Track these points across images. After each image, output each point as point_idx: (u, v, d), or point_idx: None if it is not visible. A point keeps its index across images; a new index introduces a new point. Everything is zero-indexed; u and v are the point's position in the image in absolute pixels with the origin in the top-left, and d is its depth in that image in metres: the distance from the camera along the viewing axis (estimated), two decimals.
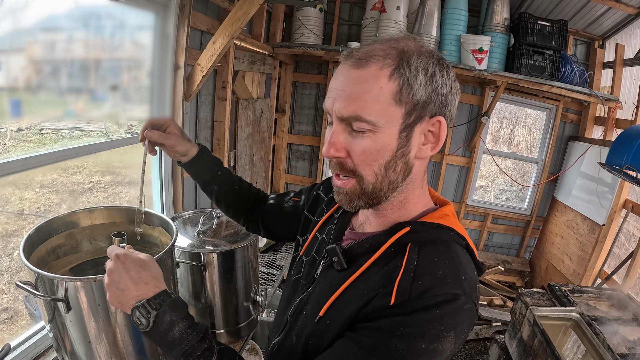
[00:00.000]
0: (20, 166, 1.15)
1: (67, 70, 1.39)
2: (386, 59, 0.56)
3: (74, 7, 1.34)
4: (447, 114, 0.60)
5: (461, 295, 0.55)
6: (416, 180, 0.64)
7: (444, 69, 0.58)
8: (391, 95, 0.56)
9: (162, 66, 1.87)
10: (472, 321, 0.58)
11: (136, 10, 1.69)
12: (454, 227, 0.63)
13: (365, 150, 0.58)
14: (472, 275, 0.59)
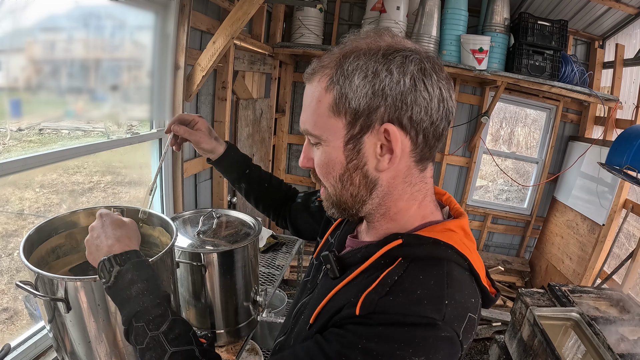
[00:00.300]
0: (20, 166, 1.15)
1: (67, 70, 1.39)
2: (326, 69, 0.53)
3: (74, 7, 1.34)
4: (411, 117, 0.51)
5: (437, 321, 0.48)
6: (395, 192, 0.57)
7: (398, 65, 0.50)
8: (328, 107, 0.53)
9: (162, 66, 1.87)
10: (453, 354, 0.49)
11: (136, 10, 1.69)
12: (455, 244, 0.54)
13: (320, 163, 0.58)
14: (462, 302, 0.51)
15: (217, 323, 1.33)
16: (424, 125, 0.52)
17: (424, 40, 3.16)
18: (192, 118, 0.93)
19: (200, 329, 1.31)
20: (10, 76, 1.19)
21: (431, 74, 0.51)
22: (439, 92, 0.52)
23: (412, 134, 0.52)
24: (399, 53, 0.51)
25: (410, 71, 0.50)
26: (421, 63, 0.51)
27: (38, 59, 1.27)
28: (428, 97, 0.51)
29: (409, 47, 0.52)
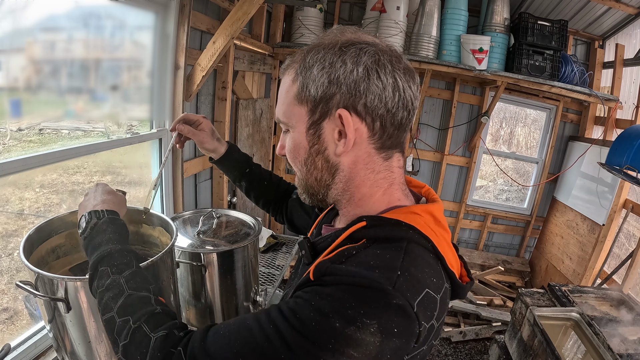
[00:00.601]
0: (20, 166, 1.15)
1: (67, 70, 1.39)
2: (294, 64, 0.59)
3: (74, 7, 1.34)
4: (365, 104, 0.54)
5: (387, 287, 0.48)
6: (357, 177, 0.60)
7: (352, 57, 0.54)
8: (294, 96, 0.58)
9: (162, 66, 1.87)
10: (408, 327, 0.48)
11: (136, 10, 1.69)
12: (418, 226, 0.55)
13: (289, 149, 0.63)
14: (417, 276, 0.51)
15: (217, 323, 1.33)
16: (380, 112, 0.55)
17: (424, 40, 3.16)
18: (197, 118, 0.97)
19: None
20: (10, 76, 1.19)
21: (386, 64, 0.54)
22: (393, 81, 0.55)
23: (368, 121, 0.56)
24: (354, 46, 0.55)
25: (363, 62, 0.54)
26: (376, 55, 0.54)
27: (38, 59, 1.27)
28: (381, 85, 0.54)
29: (367, 40, 0.56)
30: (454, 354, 2.94)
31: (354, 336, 0.46)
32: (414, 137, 3.81)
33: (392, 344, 0.48)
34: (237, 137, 2.77)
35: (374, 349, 0.47)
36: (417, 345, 0.52)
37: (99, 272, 0.65)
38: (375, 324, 0.47)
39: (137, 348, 0.56)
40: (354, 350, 0.46)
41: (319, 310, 0.48)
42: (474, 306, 3.32)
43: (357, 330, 0.46)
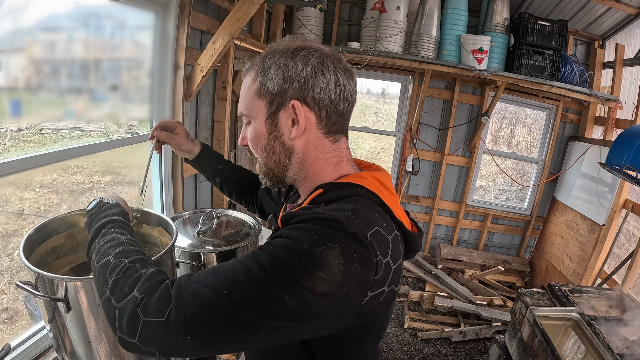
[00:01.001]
0: (20, 166, 1.15)
1: (67, 70, 1.39)
2: (254, 66, 0.70)
3: (74, 7, 1.34)
4: (313, 96, 0.66)
5: (342, 219, 0.57)
6: (309, 158, 0.71)
7: (302, 59, 0.66)
8: (255, 92, 0.69)
9: (162, 66, 1.87)
10: (368, 257, 0.57)
11: (136, 10, 1.69)
12: (365, 185, 0.66)
13: (250, 138, 0.73)
14: (368, 217, 0.60)
15: None
16: (325, 102, 0.67)
17: (424, 40, 3.17)
18: (172, 123, 1.05)
19: None
20: (10, 76, 1.19)
21: (329, 65, 0.66)
22: (335, 78, 0.67)
23: (316, 110, 0.67)
24: (304, 50, 0.67)
25: (311, 63, 0.66)
26: (321, 57, 0.66)
27: (38, 59, 1.27)
28: (325, 81, 0.66)
29: (313, 46, 0.68)
30: (454, 354, 2.94)
31: (321, 256, 0.53)
32: (414, 137, 3.81)
33: (355, 269, 0.55)
34: (237, 137, 2.77)
35: (339, 273, 0.54)
36: (377, 278, 0.58)
37: (102, 232, 0.73)
38: (337, 247, 0.54)
39: (126, 281, 0.61)
40: (321, 272, 0.53)
41: (288, 236, 0.57)
42: (474, 306, 3.32)
43: (323, 252, 0.54)
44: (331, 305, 0.55)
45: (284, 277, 0.53)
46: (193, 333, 0.54)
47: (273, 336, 0.55)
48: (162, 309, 0.55)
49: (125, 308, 0.57)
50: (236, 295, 0.54)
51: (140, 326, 0.55)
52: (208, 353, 0.58)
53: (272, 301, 0.53)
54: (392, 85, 11.00)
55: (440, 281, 3.68)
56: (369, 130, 4.51)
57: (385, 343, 3.00)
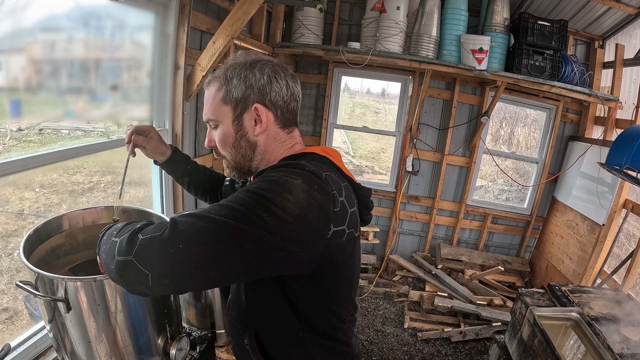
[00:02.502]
0: (20, 166, 1.15)
1: (67, 70, 1.39)
2: (217, 78, 0.82)
3: (74, 7, 1.34)
4: (270, 99, 0.80)
5: (300, 163, 0.74)
6: (269, 148, 0.84)
7: (258, 69, 0.80)
8: (221, 100, 0.81)
9: (162, 66, 1.87)
10: (325, 189, 0.70)
11: (136, 10, 1.69)
12: (315, 151, 0.83)
13: (219, 139, 0.84)
14: (321, 166, 0.76)
15: (217, 323, 1.33)
16: (280, 103, 0.82)
17: (424, 40, 3.16)
18: (147, 128, 1.10)
19: (200, 329, 1.31)
20: (10, 76, 1.19)
21: (280, 72, 0.82)
22: (285, 83, 0.82)
23: (273, 110, 0.82)
24: (259, 62, 0.81)
25: (267, 72, 0.80)
26: (274, 67, 0.81)
27: (38, 59, 1.27)
28: (279, 86, 0.81)
29: (265, 59, 0.83)
30: (454, 354, 2.94)
31: (287, 183, 0.67)
32: (414, 137, 3.81)
33: (316, 196, 0.68)
34: None
35: (304, 199, 0.66)
36: (336, 211, 0.71)
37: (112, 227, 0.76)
38: (300, 178, 0.69)
39: (132, 225, 0.68)
40: (289, 195, 0.65)
41: (261, 178, 0.71)
42: (474, 306, 3.32)
43: (289, 180, 0.68)
44: (301, 229, 0.66)
45: (260, 198, 0.64)
46: (184, 241, 0.60)
47: (255, 253, 0.63)
48: (158, 228, 0.63)
49: (124, 237, 0.64)
50: (224, 212, 0.63)
51: (138, 243, 0.62)
52: (197, 272, 0.61)
53: (253, 217, 0.62)
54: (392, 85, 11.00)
55: (440, 281, 3.68)
56: (369, 130, 4.51)
57: (385, 343, 3.00)
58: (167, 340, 1.00)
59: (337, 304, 0.82)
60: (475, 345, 3.05)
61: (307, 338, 0.80)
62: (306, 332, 0.80)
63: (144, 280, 0.61)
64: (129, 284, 0.63)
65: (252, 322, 0.85)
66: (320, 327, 0.81)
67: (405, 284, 3.84)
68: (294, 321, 0.79)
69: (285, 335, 0.81)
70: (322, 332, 0.81)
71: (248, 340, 0.84)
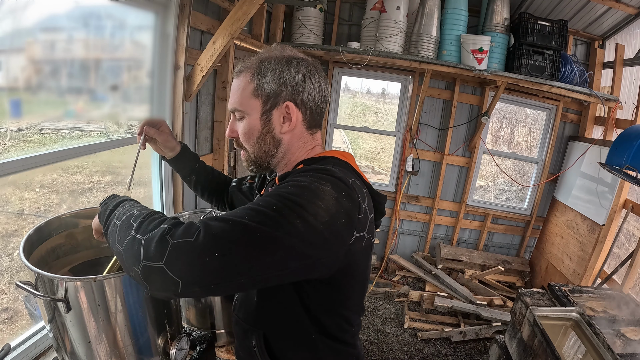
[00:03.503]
0: (20, 166, 1.15)
1: (67, 70, 1.39)
2: (249, 69, 0.80)
3: (74, 7, 1.34)
4: (302, 99, 0.79)
5: (330, 168, 0.72)
6: (292, 147, 0.84)
7: (295, 67, 0.78)
8: (251, 92, 0.79)
9: (162, 66, 1.87)
10: (352, 196, 0.70)
11: (136, 10, 1.69)
12: (336, 155, 0.82)
13: (243, 131, 0.82)
14: (346, 172, 0.76)
15: (217, 323, 1.33)
16: (310, 105, 0.81)
17: (424, 40, 3.16)
18: (159, 121, 1.08)
19: (200, 329, 1.31)
20: (10, 76, 1.19)
21: (314, 73, 0.81)
22: (319, 84, 0.81)
23: (303, 110, 0.81)
24: (295, 60, 0.80)
25: (302, 71, 0.79)
26: (309, 66, 0.80)
27: (38, 59, 1.27)
28: (312, 87, 0.80)
29: (301, 57, 0.81)
30: (454, 354, 2.94)
31: (318, 189, 0.66)
32: (414, 137, 3.81)
33: (344, 203, 0.68)
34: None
35: (333, 205, 0.66)
36: (360, 218, 0.71)
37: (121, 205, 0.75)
38: (329, 185, 0.68)
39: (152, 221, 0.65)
40: (320, 201, 0.65)
41: (290, 181, 0.70)
42: (474, 306, 3.32)
43: (320, 187, 0.67)
44: (328, 236, 0.65)
45: (293, 204, 0.63)
46: (219, 249, 0.58)
47: (286, 261, 0.62)
48: (190, 233, 0.59)
49: (152, 237, 0.60)
50: (257, 218, 0.61)
51: (168, 248, 0.58)
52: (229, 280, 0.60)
53: (285, 223, 0.61)
54: (392, 85, 11.00)
55: (440, 281, 3.68)
56: (369, 130, 4.50)
57: (385, 343, 3.00)
58: (167, 340, 1.00)
59: (349, 307, 0.82)
60: (475, 345, 3.05)
61: (318, 340, 0.80)
62: (317, 334, 0.80)
63: (173, 287, 0.58)
64: (155, 289, 0.60)
65: (262, 323, 0.83)
66: (331, 329, 0.81)
67: (405, 284, 3.84)
68: (306, 323, 0.79)
69: (296, 337, 0.81)
70: (332, 334, 0.81)
71: (256, 341, 0.83)
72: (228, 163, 2.60)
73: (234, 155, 2.78)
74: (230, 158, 2.71)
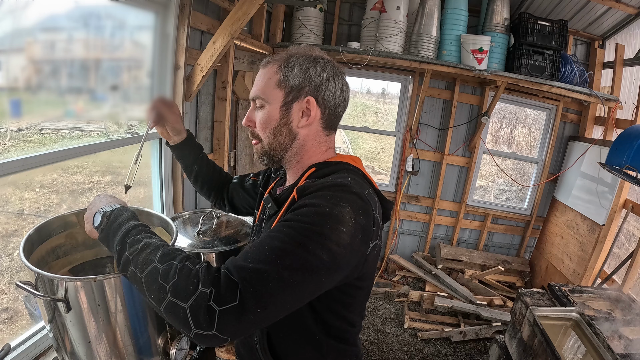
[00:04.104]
0: (20, 166, 1.15)
1: (67, 70, 1.39)
2: (277, 61, 0.82)
3: (74, 7, 1.34)
4: (323, 97, 0.82)
5: (347, 183, 0.73)
6: (307, 145, 0.85)
7: (321, 66, 0.81)
8: (276, 82, 0.81)
9: (162, 66, 1.87)
10: (368, 210, 0.72)
11: (136, 10, 1.69)
12: (348, 161, 0.84)
13: (261, 120, 0.83)
14: (360, 182, 0.77)
15: None
16: (330, 104, 0.83)
17: (424, 40, 3.16)
18: (171, 101, 1.09)
19: None
20: (10, 76, 1.19)
21: (338, 75, 0.84)
22: (341, 87, 0.84)
23: (322, 108, 0.83)
24: (322, 59, 0.83)
25: (327, 71, 0.82)
26: (334, 68, 0.84)
27: (38, 59, 1.27)
28: (334, 88, 0.83)
29: (328, 58, 0.85)
30: (454, 354, 2.94)
31: (339, 214, 0.68)
32: (414, 137, 3.81)
33: (361, 221, 0.70)
34: (237, 137, 2.77)
35: (352, 226, 0.68)
36: (374, 230, 0.74)
37: (129, 242, 0.71)
38: (348, 206, 0.69)
39: (186, 281, 0.62)
40: (342, 226, 0.67)
41: (312, 205, 0.69)
42: (474, 306, 3.32)
43: (340, 210, 0.68)
44: (349, 256, 0.69)
45: (318, 236, 0.65)
46: (263, 306, 0.61)
47: (316, 290, 0.68)
48: (233, 294, 0.60)
49: (197, 305, 0.60)
50: (287, 262, 0.63)
51: (217, 317, 0.59)
52: (271, 321, 0.65)
53: (312, 258, 0.64)
54: (392, 85, 10.99)
55: (440, 281, 3.68)
56: (369, 130, 4.50)
57: (385, 343, 3.00)
58: (167, 340, 0.99)
59: (353, 310, 0.84)
60: (475, 345, 3.05)
61: (323, 340, 0.82)
62: (321, 334, 0.81)
63: (223, 342, 0.63)
64: (206, 345, 0.66)
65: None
66: (335, 330, 0.83)
67: (405, 284, 3.84)
68: (311, 323, 0.80)
69: (300, 337, 0.82)
70: (335, 334, 0.83)
71: (258, 339, 0.84)
72: (228, 163, 2.60)
73: (234, 155, 2.78)
74: (230, 158, 2.71)
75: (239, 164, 2.82)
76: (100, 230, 0.77)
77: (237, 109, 2.73)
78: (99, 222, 0.77)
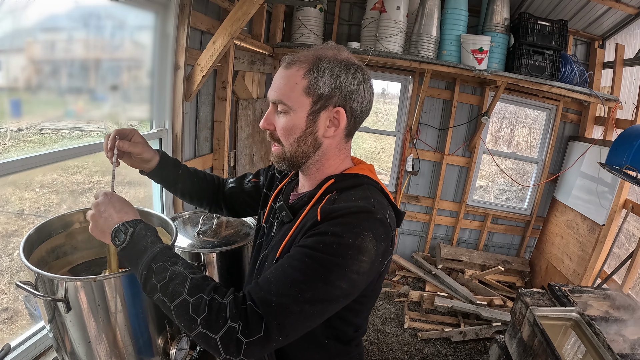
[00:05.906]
0: (20, 166, 1.15)
1: (67, 70, 1.39)
2: (303, 63, 0.77)
3: (74, 7, 1.34)
4: (352, 106, 0.78)
5: (371, 208, 0.73)
6: (329, 153, 0.83)
7: (352, 73, 0.77)
8: (302, 89, 0.76)
9: (162, 66, 1.87)
10: (388, 234, 0.73)
11: (136, 10, 1.69)
12: (367, 174, 0.82)
13: (284, 127, 0.79)
14: (381, 201, 0.78)
15: None
16: (357, 113, 0.80)
17: (424, 40, 3.16)
18: (130, 131, 0.95)
19: None
20: (10, 76, 1.19)
21: (367, 81, 0.79)
22: (369, 95, 0.80)
23: (349, 118, 0.79)
24: (353, 66, 0.78)
25: (357, 78, 0.78)
26: (364, 75, 0.79)
27: (38, 59, 1.27)
28: (363, 97, 0.79)
29: (357, 63, 0.80)
30: (454, 354, 2.94)
31: (361, 245, 0.69)
32: (414, 137, 3.81)
33: (381, 247, 0.72)
34: (237, 137, 2.77)
35: (373, 253, 0.70)
36: (391, 248, 0.77)
37: (155, 269, 0.71)
38: (370, 234, 0.70)
39: (217, 315, 0.66)
40: (363, 256, 0.69)
41: (335, 234, 0.69)
42: (474, 306, 3.32)
43: (362, 241, 0.69)
44: (367, 279, 0.72)
45: (339, 269, 0.68)
46: (285, 335, 0.67)
47: (333, 310, 0.72)
48: (258, 327, 0.65)
49: (227, 337, 0.65)
50: (308, 295, 0.67)
51: (244, 346, 0.65)
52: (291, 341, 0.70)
53: (333, 289, 0.68)
54: (392, 85, 10.99)
55: (440, 281, 3.68)
56: (369, 130, 4.50)
57: (385, 343, 3.00)
58: (167, 340, 0.99)
59: (361, 315, 0.86)
60: (475, 345, 3.05)
61: (330, 344, 0.84)
62: (330, 339, 0.83)
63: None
64: None
65: None
66: (341, 333, 0.84)
67: (405, 284, 3.84)
68: (320, 330, 0.80)
69: (307, 341, 0.81)
70: (342, 338, 0.85)
71: None
72: (228, 163, 2.60)
73: (234, 155, 2.78)
74: (230, 158, 2.72)
75: (239, 164, 2.82)
76: (121, 248, 0.74)
77: (237, 109, 2.73)
78: (121, 241, 0.75)
